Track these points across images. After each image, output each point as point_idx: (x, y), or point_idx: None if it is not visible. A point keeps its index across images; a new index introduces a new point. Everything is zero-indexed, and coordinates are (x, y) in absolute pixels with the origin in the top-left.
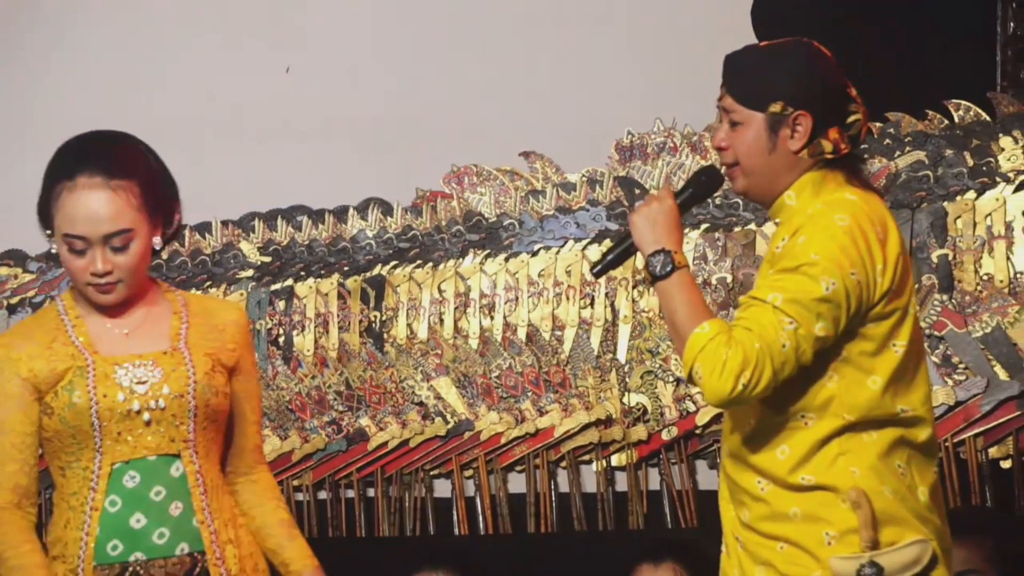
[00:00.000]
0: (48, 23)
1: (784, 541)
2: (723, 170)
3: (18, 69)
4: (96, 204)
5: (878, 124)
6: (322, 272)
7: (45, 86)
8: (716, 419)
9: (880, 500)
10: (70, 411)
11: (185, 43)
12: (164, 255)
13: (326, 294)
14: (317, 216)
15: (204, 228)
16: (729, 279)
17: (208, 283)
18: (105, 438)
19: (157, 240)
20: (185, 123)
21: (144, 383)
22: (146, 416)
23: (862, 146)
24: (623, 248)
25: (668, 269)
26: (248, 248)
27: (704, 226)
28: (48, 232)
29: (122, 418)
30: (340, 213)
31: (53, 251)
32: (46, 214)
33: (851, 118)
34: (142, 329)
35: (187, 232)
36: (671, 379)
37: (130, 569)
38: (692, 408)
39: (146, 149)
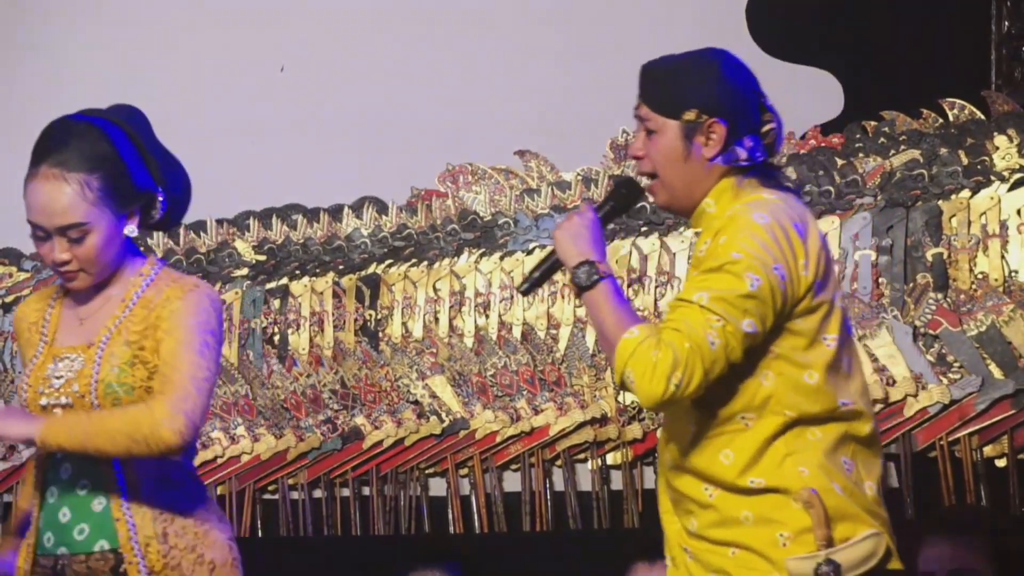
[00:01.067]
0: (36, 20)
1: (736, 546)
2: (643, 182)
3: (9, 67)
4: (50, 196)
5: (873, 123)
6: (317, 271)
7: (35, 84)
8: None
9: (831, 497)
10: (18, 398)
11: (178, 41)
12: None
13: (321, 293)
14: (312, 215)
15: (199, 227)
16: None
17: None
18: None
19: (131, 228)
20: (179, 121)
21: (60, 378)
22: (57, 412)
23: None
24: (549, 264)
25: (594, 279)
26: (243, 247)
27: None
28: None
29: (41, 411)
30: (335, 212)
31: None
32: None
33: (765, 127)
34: (95, 318)
35: (182, 231)
36: None
37: (59, 563)
38: None
39: (119, 137)
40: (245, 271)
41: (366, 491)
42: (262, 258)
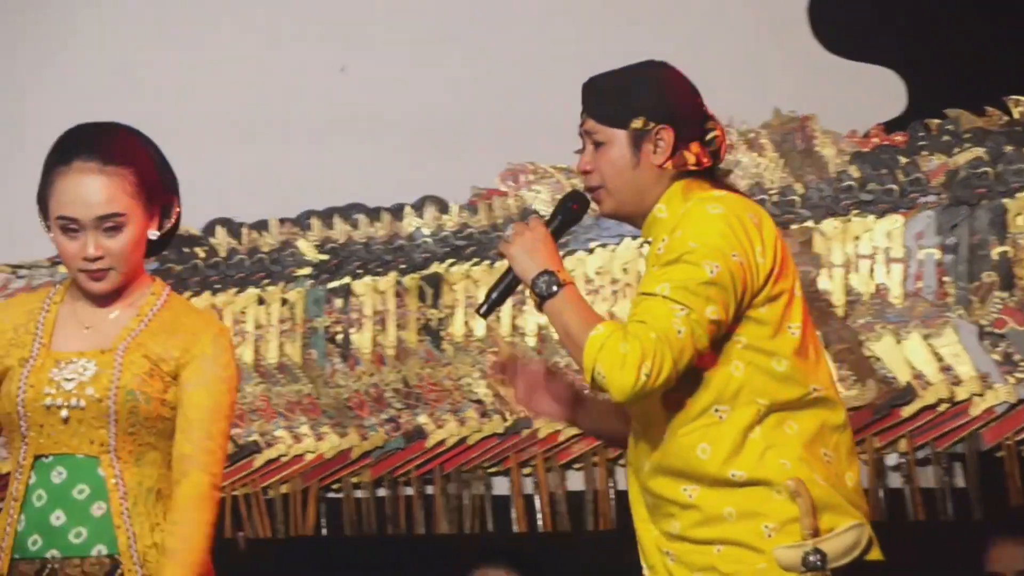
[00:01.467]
0: (94, 18)
1: (721, 543)
2: (590, 195)
3: (60, 70)
4: (90, 187)
5: (936, 120)
6: (379, 270)
7: (93, 85)
8: None
9: (815, 488)
10: (6, 399)
11: (239, 41)
12: (208, 255)
13: (383, 292)
14: (374, 214)
15: (261, 226)
16: None
17: (266, 281)
18: (30, 429)
19: (153, 232)
20: (242, 122)
21: (72, 380)
22: (64, 413)
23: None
24: (506, 283)
25: (555, 288)
26: (305, 246)
27: None
28: (46, 223)
29: (44, 412)
30: (396, 211)
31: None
32: (43, 202)
33: (710, 135)
34: (102, 326)
35: (244, 230)
36: None
37: (48, 566)
38: None
39: (144, 140)
40: (308, 270)
41: (429, 490)
42: (324, 257)
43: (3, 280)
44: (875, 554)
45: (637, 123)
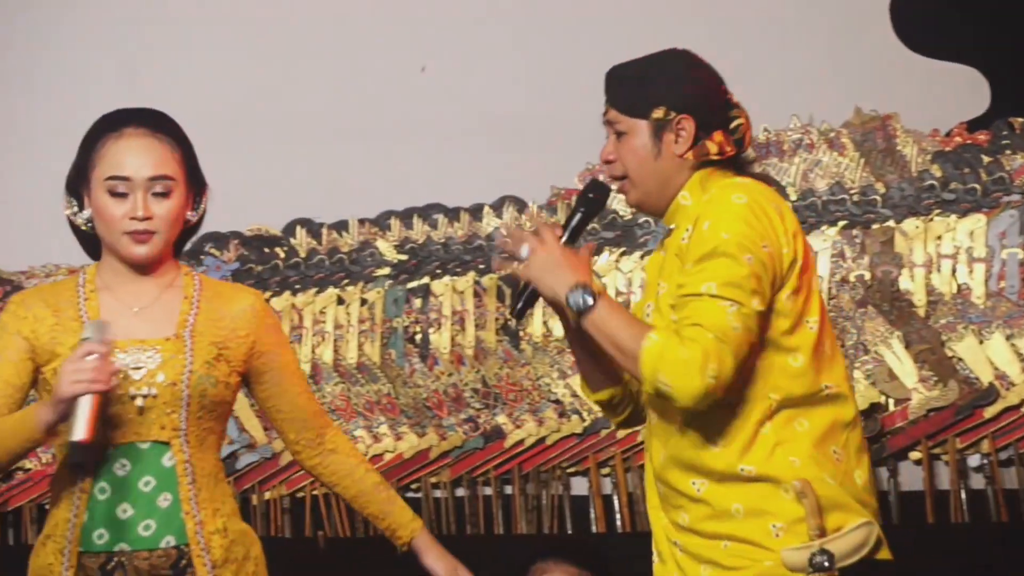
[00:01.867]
0: (172, 18)
1: (728, 539)
2: (614, 187)
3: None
4: (143, 148)
5: (1020, 119)
6: (458, 270)
7: (162, 85)
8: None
9: (823, 487)
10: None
11: (320, 40)
12: (275, 260)
13: (462, 292)
14: (453, 214)
15: (341, 226)
16: (867, 276)
17: (345, 281)
18: (97, 421)
19: (191, 213)
20: (321, 122)
21: (140, 368)
22: (139, 402)
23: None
24: (530, 291)
25: (589, 300)
26: (385, 246)
27: (842, 223)
28: (74, 208)
29: (114, 402)
30: (475, 211)
31: (77, 219)
32: (82, 176)
33: (734, 123)
34: (152, 310)
35: (324, 230)
36: None
37: (115, 560)
38: None
39: (181, 128)
40: (387, 270)
41: (508, 490)
42: (403, 257)
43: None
44: (884, 553)
45: (658, 113)
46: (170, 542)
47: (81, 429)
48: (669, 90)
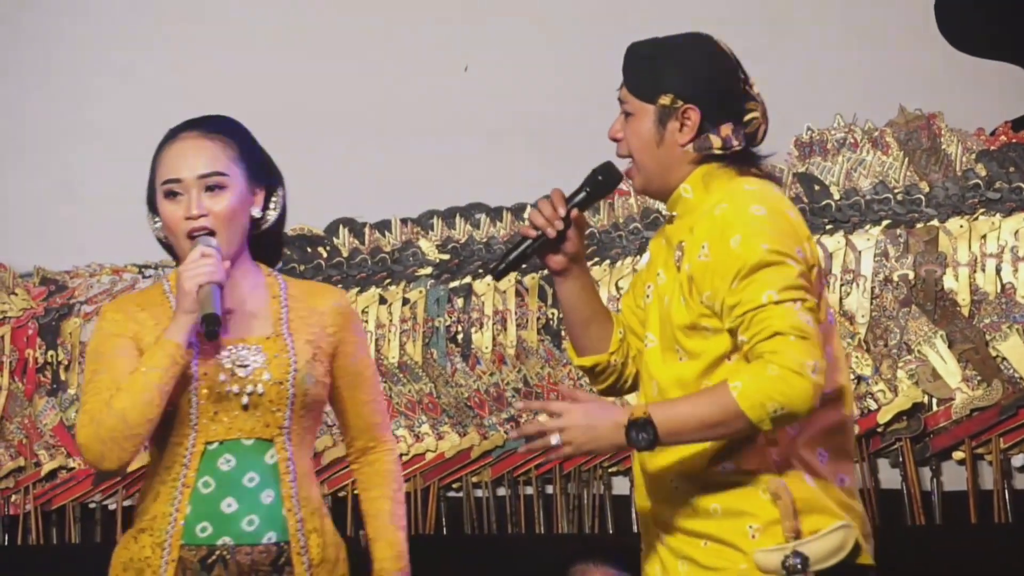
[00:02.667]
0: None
1: (707, 538)
2: (623, 168)
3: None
4: (193, 148)
5: None
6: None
7: (206, 84)
8: (898, 418)
9: (801, 489)
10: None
11: (363, 41)
12: (345, 253)
13: (504, 291)
14: (495, 214)
15: (384, 226)
16: (911, 276)
17: (388, 280)
18: (201, 417)
19: (256, 210)
20: (364, 122)
21: (246, 366)
22: (244, 400)
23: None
24: (521, 251)
25: (651, 428)
26: (427, 246)
27: (886, 222)
28: (156, 220)
29: (220, 399)
30: (518, 211)
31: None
32: (151, 189)
33: (748, 116)
34: (243, 311)
35: (367, 230)
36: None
37: (217, 552)
38: (873, 406)
39: (246, 129)
40: (429, 270)
41: (549, 489)
42: (446, 257)
43: (131, 280)
44: (865, 558)
45: (665, 100)
46: (271, 538)
47: (216, 307)
48: (679, 77)
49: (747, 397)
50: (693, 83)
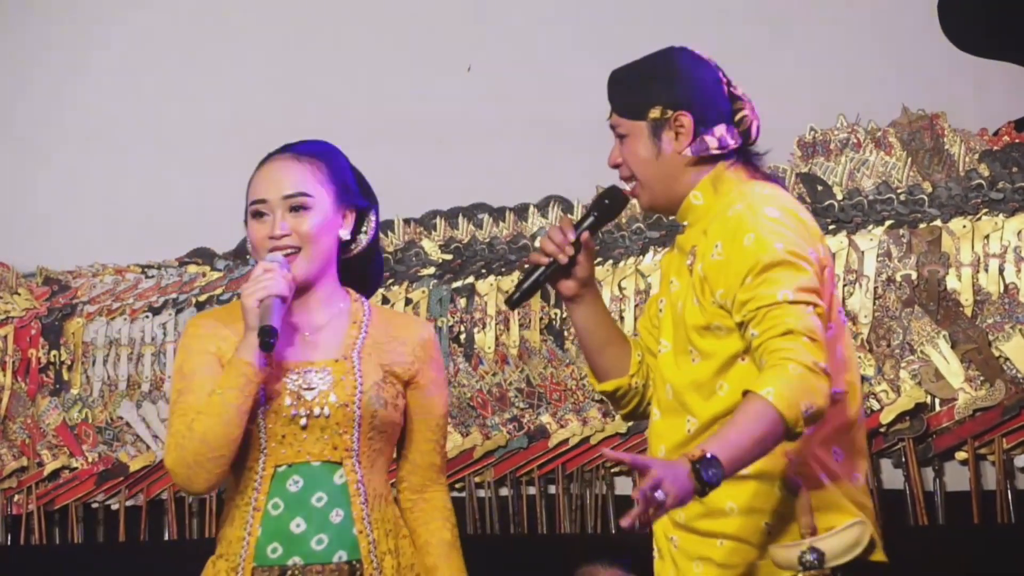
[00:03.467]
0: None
1: (723, 537)
2: (628, 189)
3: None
4: (280, 170)
5: None
6: (503, 269)
7: (206, 89)
8: (900, 418)
9: (817, 486)
10: None
11: (367, 42)
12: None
13: (507, 292)
14: (498, 214)
15: (386, 226)
16: (914, 276)
17: (391, 280)
18: (270, 440)
19: (345, 232)
20: (366, 122)
21: (312, 389)
22: (304, 422)
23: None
24: (534, 280)
25: (716, 462)
26: (430, 246)
27: (888, 222)
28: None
29: (287, 422)
30: (521, 211)
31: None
32: (245, 211)
33: (738, 115)
34: (322, 334)
35: None
36: None
37: (288, 572)
38: (876, 407)
39: (342, 153)
40: (432, 270)
41: (552, 489)
42: (448, 257)
43: (133, 280)
44: (878, 555)
45: (655, 113)
46: (342, 557)
47: (275, 319)
48: (664, 89)
49: (782, 399)
50: (679, 91)
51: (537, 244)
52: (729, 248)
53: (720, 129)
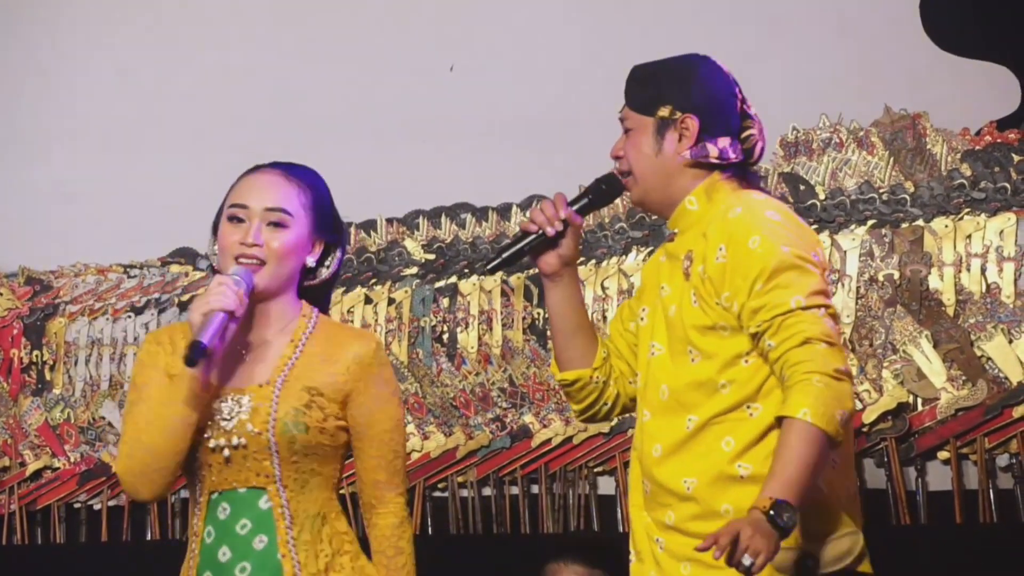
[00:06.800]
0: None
1: None
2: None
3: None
4: (268, 182)
5: None
6: (485, 269)
7: (191, 86)
8: (883, 417)
9: (813, 492)
10: None
11: (349, 40)
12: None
13: (490, 291)
14: (481, 214)
15: (369, 226)
16: (896, 276)
17: (373, 280)
18: (200, 469)
19: (311, 259)
20: (349, 122)
21: (230, 419)
22: (226, 452)
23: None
24: (518, 249)
25: (786, 504)
26: (412, 246)
27: (871, 222)
28: (215, 245)
29: (210, 452)
30: (504, 210)
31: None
32: (219, 213)
33: (745, 133)
34: (257, 352)
35: (352, 230)
36: None
37: None
38: (858, 406)
39: (327, 186)
40: (415, 270)
41: (535, 489)
42: (431, 257)
43: (116, 280)
44: (865, 566)
45: (663, 111)
46: None
47: (206, 335)
48: (677, 90)
49: (819, 416)
50: (691, 95)
51: (528, 214)
52: (733, 250)
53: (724, 141)
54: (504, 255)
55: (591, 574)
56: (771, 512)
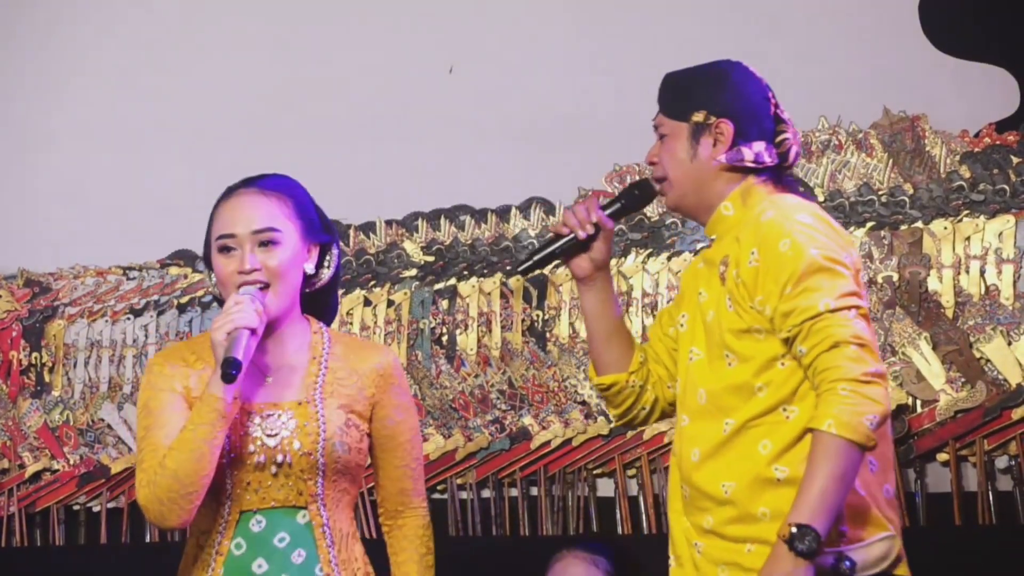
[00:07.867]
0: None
1: (753, 542)
2: (658, 188)
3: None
4: (248, 204)
5: None
6: (485, 271)
7: (189, 86)
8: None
9: (851, 495)
10: None
11: (348, 41)
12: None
13: (489, 293)
14: (480, 215)
15: (368, 228)
16: (895, 277)
17: (372, 282)
18: (235, 487)
19: (309, 266)
20: (348, 123)
21: (274, 436)
22: (273, 469)
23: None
24: (550, 252)
25: (806, 528)
26: (412, 247)
27: (870, 224)
28: (213, 277)
29: (251, 469)
30: (503, 212)
31: (213, 291)
32: (207, 246)
33: (780, 137)
34: (284, 372)
35: (351, 231)
36: None
37: None
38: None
39: (302, 186)
40: (414, 272)
41: (534, 491)
42: (430, 259)
43: (115, 282)
44: (902, 569)
45: (698, 116)
46: None
47: (238, 351)
48: (711, 95)
49: (843, 426)
50: (726, 100)
51: (560, 216)
52: (765, 254)
53: (759, 145)
54: (535, 257)
55: (593, 559)
56: (791, 539)
